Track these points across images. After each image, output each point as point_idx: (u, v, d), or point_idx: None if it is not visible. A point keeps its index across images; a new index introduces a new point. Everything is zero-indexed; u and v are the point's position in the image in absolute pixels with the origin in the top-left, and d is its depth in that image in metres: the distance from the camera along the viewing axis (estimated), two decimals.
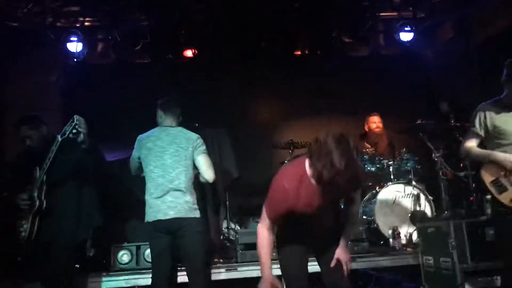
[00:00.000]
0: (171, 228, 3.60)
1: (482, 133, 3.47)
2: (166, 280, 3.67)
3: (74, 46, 6.40)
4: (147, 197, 3.72)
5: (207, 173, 3.76)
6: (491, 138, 3.46)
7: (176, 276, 3.98)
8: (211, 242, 4.93)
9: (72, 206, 3.74)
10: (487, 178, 3.38)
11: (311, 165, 2.49)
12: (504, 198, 3.29)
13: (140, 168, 3.84)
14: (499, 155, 3.34)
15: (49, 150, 3.49)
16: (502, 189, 3.31)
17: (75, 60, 6.50)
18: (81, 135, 3.39)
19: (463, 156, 3.62)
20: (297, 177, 2.64)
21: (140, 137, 3.87)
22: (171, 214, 3.58)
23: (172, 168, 3.66)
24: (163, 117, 3.87)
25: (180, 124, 3.91)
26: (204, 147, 3.81)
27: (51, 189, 3.62)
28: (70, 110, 3.66)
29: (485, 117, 3.45)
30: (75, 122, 3.36)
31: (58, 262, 3.61)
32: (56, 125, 4.27)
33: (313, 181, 2.50)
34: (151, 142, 3.78)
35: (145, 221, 3.71)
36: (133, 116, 6.61)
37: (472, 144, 3.51)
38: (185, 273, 3.71)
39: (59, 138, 3.42)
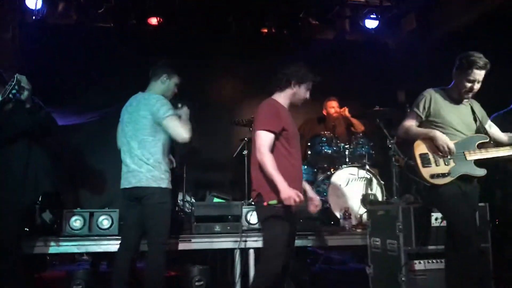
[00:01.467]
0: (134, 196, 3.59)
1: (423, 115, 3.59)
2: (132, 249, 3.66)
3: (33, 2, 6.13)
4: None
5: (177, 135, 3.59)
6: (428, 123, 3.60)
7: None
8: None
9: (17, 169, 3.60)
10: (418, 150, 3.54)
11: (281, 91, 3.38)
12: (425, 172, 3.48)
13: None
14: (439, 133, 3.48)
15: None
16: (426, 163, 3.49)
17: (34, 18, 6.24)
18: (24, 94, 3.26)
19: (401, 134, 3.72)
20: (277, 102, 3.35)
21: None
22: (133, 182, 3.57)
23: (135, 136, 3.63)
24: None
25: (166, 89, 3.80)
26: (165, 108, 3.58)
27: None
28: (26, 71, 3.51)
29: (430, 102, 3.57)
30: (15, 81, 3.23)
31: (3, 224, 3.50)
32: None
33: (286, 105, 3.36)
34: (125, 109, 3.80)
35: None
36: (91, 81, 6.45)
37: (411, 123, 3.64)
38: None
39: (0, 98, 3.29)
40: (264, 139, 3.17)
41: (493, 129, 3.71)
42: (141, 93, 3.80)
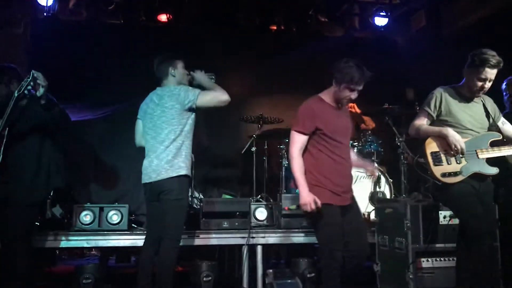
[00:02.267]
0: (154, 190, 3.62)
1: (434, 114, 3.56)
2: (155, 244, 3.66)
3: None
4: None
5: (218, 102, 3.68)
6: (439, 122, 3.57)
7: None
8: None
9: (30, 163, 3.66)
10: (429, 148, 3.51)
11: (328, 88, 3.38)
12: (436, 170, 3.45)
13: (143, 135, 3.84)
14: (452, 131, 3.44)
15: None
16: (438, 162, 3.46)
17: (45, 14, 6.28)
18: (40, 91, 3.33)
19: (412, 133, 3.69)
20: (318, 101, 3.40)
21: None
22: (153, 177, 3.60)
23: (161, 128, 3.64)
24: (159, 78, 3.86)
25: (179, 77, 3.81)
26: (191, 91, 3.64)
27: (10, 145, 3.54)
28: (37, 66, 3.56)
29: (441, 101, 3.54)
30: (31, 77, 3.28)
31: (15, 219, 3.56)
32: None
33: (331, 102, 3.37)
34: (146, 105, 3.82)
35: None
36: (102, 77, 6.50)
37: (423, 122, 3.60)
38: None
39: (16, 94, 3.34)
40: (295, 140, 3.31)
41: (506, 126, 3.65)
42: (160, 88, 3.82)
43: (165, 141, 3.62)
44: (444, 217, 3.91)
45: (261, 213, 4.82)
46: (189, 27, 6.84)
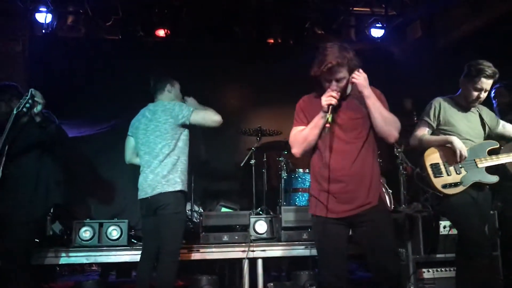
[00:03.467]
0: (151, 206, 3.63)
1: (434, 124, 3.59)
2: (151, 259, 3.69)
3: (43, 16, 6.23)
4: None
5: (209, 121, 3.74)
6: (438, 132, 3.60)
7: None
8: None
9: (29, 180, 3.68)
10: (428, 160, 3.53)
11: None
12: (437, 182, 3.47)
13: (134, 152, 3.88)
14: (457, 139, 3.45)
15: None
16: (438, 173, 3.48)
17: (43, 31, 6.34)
18: (37, 108, 3.36)
19: (414, 144, 3.69)
20: (306, 97, 3.13)
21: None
22: (149, 192, 3.63)
23: (155, 143, 3.68)
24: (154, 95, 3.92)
25: (174, 95, 3.90)
26: (185, 108, 3.71)
27: (10, 162, 3.55)
28: (36, 83, 3.58)
29: (439, 110, 3.58)
30: (29, 95, 3.31)
31: (13, 236, 3.56)
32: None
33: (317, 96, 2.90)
34: (137, 121, 3.85)
35: None
36: (100, 93, 6.53)
37: (424, 132, 3.63)
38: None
39: (15, 111, 3.36)
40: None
41: (507, 128, 3.69)
42: (152, 104, 3.85)
43: (159, 156, 3.64)
44: (444, 227, 3.92)
45: (261, 226, 4.81)
46: (187, 41, 6.89)
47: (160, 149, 3.65)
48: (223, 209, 5.81)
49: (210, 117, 3.75)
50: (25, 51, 6.31)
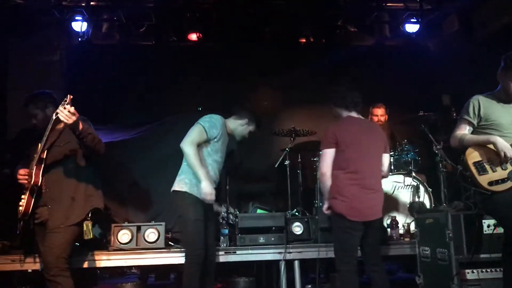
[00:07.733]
0: None
1: (475, 122, 3.48)
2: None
3: (79, 25, 6.40)
4: None
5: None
6: (481, 129, 3.49)
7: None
8: None
9: (68, 186, 3.74)
10: (471, 158, 3.41)
11: None
12: (482, 180, 3.34)
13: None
14: (500, 139, 3.34)
15: None
16: (482, 171, 3.36)
17: (79, 39, 6.50)
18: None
19: (454, 144, 3.59)
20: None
21: None
22: None
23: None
24: None
25: (241, 129, 4.16)
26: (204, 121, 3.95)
27: (50, 167, 3.65)
28: (74, 91, 3.65)
29: (479, 107, 3.46)
30: (67, 100, 3.36)
31: (55, 242, 3.63)
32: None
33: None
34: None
35: None
36: (136, 98, 6.64)
37: (464, 131, 3.52)
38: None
39: (53, 117, 3.43)
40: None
41: None
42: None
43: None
44: (488, 226, 3.76)
45: (298, 227, 4.77)
46: (219, 44, 6.93)
47: None
48: (259, 211, 5.80)
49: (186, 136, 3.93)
50: (63, 60, 6.50)
